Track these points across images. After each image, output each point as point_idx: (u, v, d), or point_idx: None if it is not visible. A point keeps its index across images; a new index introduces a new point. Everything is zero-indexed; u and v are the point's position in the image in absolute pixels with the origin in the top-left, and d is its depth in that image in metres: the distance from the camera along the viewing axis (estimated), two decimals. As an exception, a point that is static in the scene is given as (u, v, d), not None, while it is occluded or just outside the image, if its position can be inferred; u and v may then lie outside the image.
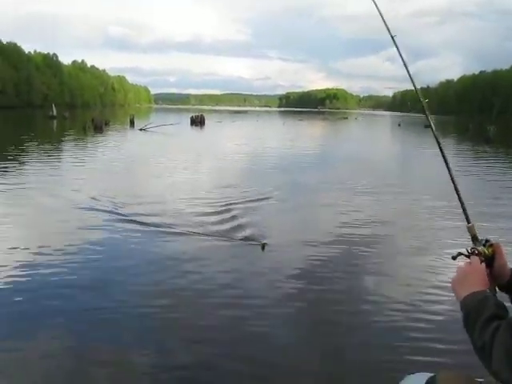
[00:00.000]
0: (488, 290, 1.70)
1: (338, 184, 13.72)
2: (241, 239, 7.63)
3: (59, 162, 17.86)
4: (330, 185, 13.64)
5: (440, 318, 5.00)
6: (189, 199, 10.91)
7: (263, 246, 7.15)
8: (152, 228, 8.25)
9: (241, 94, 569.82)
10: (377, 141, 39.48)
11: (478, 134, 43.42)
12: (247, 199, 11.01)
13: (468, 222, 1.98)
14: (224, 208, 9.99)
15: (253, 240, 7.51)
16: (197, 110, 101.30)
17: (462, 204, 2.05)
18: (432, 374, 1.86)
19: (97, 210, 9.59)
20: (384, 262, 6.91)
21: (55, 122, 49.09)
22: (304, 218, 9.66)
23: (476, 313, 1.57)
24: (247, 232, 8.03)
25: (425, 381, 1.84)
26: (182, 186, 12.93)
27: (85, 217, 9.03)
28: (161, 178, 14.34)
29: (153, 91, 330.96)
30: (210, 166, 17.77)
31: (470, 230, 1.94)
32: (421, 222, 9.40)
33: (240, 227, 8.40)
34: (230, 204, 10.37)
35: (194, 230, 8.11)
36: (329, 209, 10.46)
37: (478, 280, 1.71)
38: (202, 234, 7.92)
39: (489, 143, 33.09)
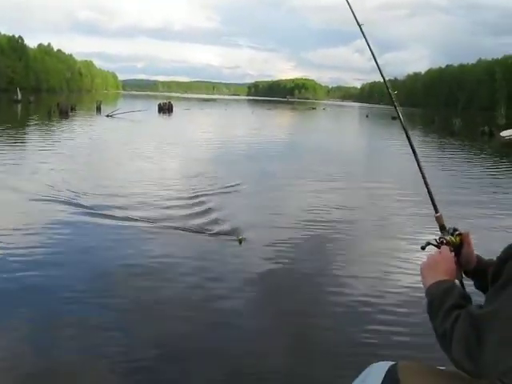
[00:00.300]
0: (456, 281, 1.74)
1: (307, 174, 13.72)
2: (216, 233, 7.22)
3: (20, 147, 17.40)
4: (299, 174, 13.64)
5: (405, 306, 5.07)
6: (156, 189, 10.61)
7: (240, 241, 6.79)
8: (116, 220, 7.76)
9: (210, 82, 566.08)
10: (344, 132, 39.84)
11: (444, 127, 44.18)
12: (217, 189, 10.79)
13: (436, 211, 2.00)
14: (194, 198, 9.70)
15: (229, 234, 7.13)
16: (165, 97, 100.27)
17: (430, 194, 2.08)
18: (393, 363, 1.87)
19: (55, 199, 9.10)
20: (353, 254, 6.97)
21: (20, 106, 47.90)
22: (276, 209, 9.50)
23: (439, 301, 1.59)
24: (222, 225, 7.66)
25: (386, 369, 1.86)
26: (149, 174, 12.68)
27: (41, 206, 8.57)
28: (127, 166, 14.11)
29: (121, 77, 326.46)
30: (178, 154, 17.60)
31: (438, 219, 1.97)
32: (388, 213, 9.53)
33: (213, 219, 8.04)
34: (200, 194, 10.10)
35: (164, 224, 7.64)
36: (298, 199, 10.45)
37: (447, 270, 1.74)
38: (173, 228, 7.47)
39: (454, 136, 33.68)
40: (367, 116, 68.41)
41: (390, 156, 20.17)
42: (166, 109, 49.68)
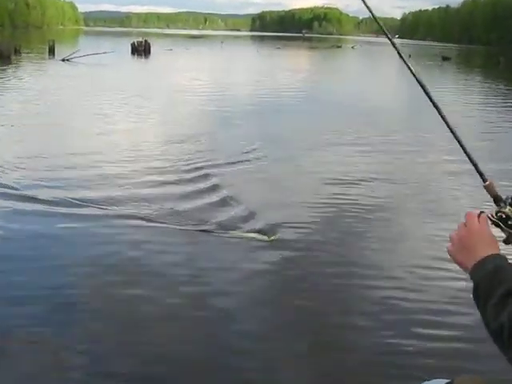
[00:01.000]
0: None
1: (332, 136, 13.78)
2: (238, 233, 6.89)
3: None
4: (322, 137, 13.66)
5: (458, 304, 5.16)
6: (133, 162, 10.36)
7: (272, 241, 6.65)
8: (73, 210, 7.49)
9: (200, 14, 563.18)
10: (379, 78, 39.63)
11: (512, 69, 43.94)
12: (218, 161, 10.56)
13: (483, 180, 1.94)
14: (188, 175, 9.44)
15: (252, 232, 6.85)
16: (140, 33, 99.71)
17: (470, 158, 2.02)
18: (448, 380, 1.93)
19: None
20: (391, 237, 7.19)
21: None
22: (301, 185, 9.51)
23: (487, 286, 1.58)
24: (237, 218, 7.37)
25: (440, 387, 1.86)
26: (120, 140, 12.52)
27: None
28: (89, 130, 13.89)
29: (81, 9, 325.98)
30: (159, 111, 17.55)
31: (489, 189, 1.91)
32: (431, 183, 9.78)
33: (222, 209, 7.79)
34: (196, 168, 9.84)
35: (154, 217, 7.30)
36: (324, 169, 10.50)
37: (483, 242, 1.70)
38: (172, 223, 7.15)
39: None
40: (410, 56, 67.86)
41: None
42: (141, 50, 49.59)
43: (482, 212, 1.83)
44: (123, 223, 7.17)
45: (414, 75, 2.20)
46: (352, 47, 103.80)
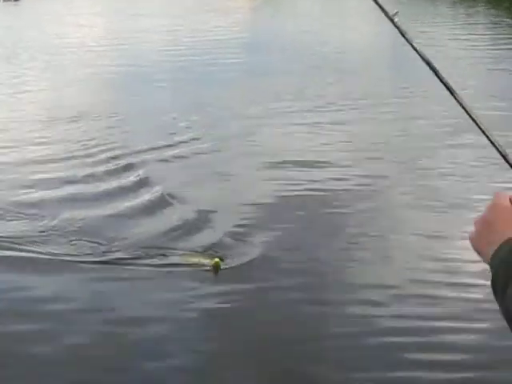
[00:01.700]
0: None
1: (281, 98, 13.64)
2: (163, 258, 6.83)
3: None
4: (270, 101, 13.44)
5: (472, 315, 5.76)
6: (3, 154, 10.00)
7: (217, 267, 6.71)
8: None
9: None
10: (350, 20, 39.05)
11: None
12: (131, 147, 10.23)
13: (506, 160, 1.81)
14: (88, 170, 9.14)
15: (190, 255, 6.86)
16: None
17: (482, 129, 1.79)
18: None
19: None
20: (379, 242, 7.46)
21: None
22: (255, 179, 9.40)
23: (506, 274, 1.51)
24: (167, 236, 7.31)
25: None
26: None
27: None
28: None
29: None
30: (37, 77, 17.06)
31: None
32: (425, 161, 9.91)
33: (145, 222, 7.72)
34: (100, 161, 9.57)
35: (39, 245, 6.98)
36: (280, 149, 10.37)
37: (507, 222, 1.62)
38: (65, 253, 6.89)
39: None
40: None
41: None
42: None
43: None
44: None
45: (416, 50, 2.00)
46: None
